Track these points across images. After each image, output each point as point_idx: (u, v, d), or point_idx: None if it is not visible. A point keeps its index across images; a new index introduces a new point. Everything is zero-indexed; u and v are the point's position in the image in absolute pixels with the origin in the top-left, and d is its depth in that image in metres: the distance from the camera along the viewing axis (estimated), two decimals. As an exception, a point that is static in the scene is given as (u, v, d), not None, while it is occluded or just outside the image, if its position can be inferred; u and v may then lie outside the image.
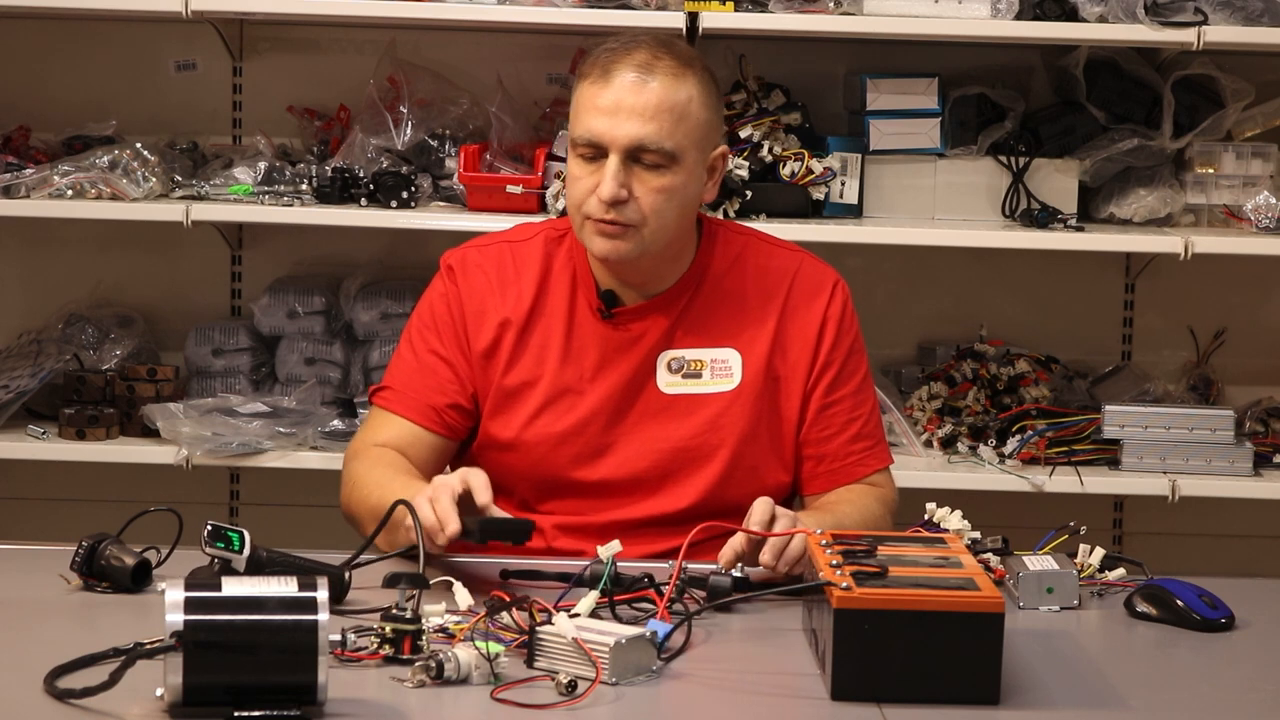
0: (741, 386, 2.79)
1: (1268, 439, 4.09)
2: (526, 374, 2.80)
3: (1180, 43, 3.90)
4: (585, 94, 2.72)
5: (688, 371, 2.79)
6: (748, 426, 2.79)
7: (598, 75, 2.71)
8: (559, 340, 2.80)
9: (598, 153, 2.70)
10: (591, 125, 2.70)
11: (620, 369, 2.79)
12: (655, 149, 2.69)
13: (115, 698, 1.95)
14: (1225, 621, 2.42)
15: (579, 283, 2.82)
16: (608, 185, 2.68)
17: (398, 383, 2.85)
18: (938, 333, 4.37)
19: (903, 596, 2.07)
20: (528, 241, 2.87)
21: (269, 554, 2.35)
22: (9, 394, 4.02)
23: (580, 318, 2.81)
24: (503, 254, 2.86)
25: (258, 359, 4.17)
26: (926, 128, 4.07)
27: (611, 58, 2.72)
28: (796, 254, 2.89)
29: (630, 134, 2.68)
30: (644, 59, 2.70)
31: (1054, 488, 3.92)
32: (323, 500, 4.04)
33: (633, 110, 2.68)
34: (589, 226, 2.72)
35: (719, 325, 2.81)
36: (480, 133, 4.13)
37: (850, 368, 2.85)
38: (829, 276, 2.87)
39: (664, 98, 2.69)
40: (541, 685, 2.06)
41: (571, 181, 2.74)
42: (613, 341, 2.80)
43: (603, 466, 2.78)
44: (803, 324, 2.83)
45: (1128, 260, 4.39)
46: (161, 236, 4.31)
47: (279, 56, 4.37)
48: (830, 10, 3.89)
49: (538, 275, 2.83)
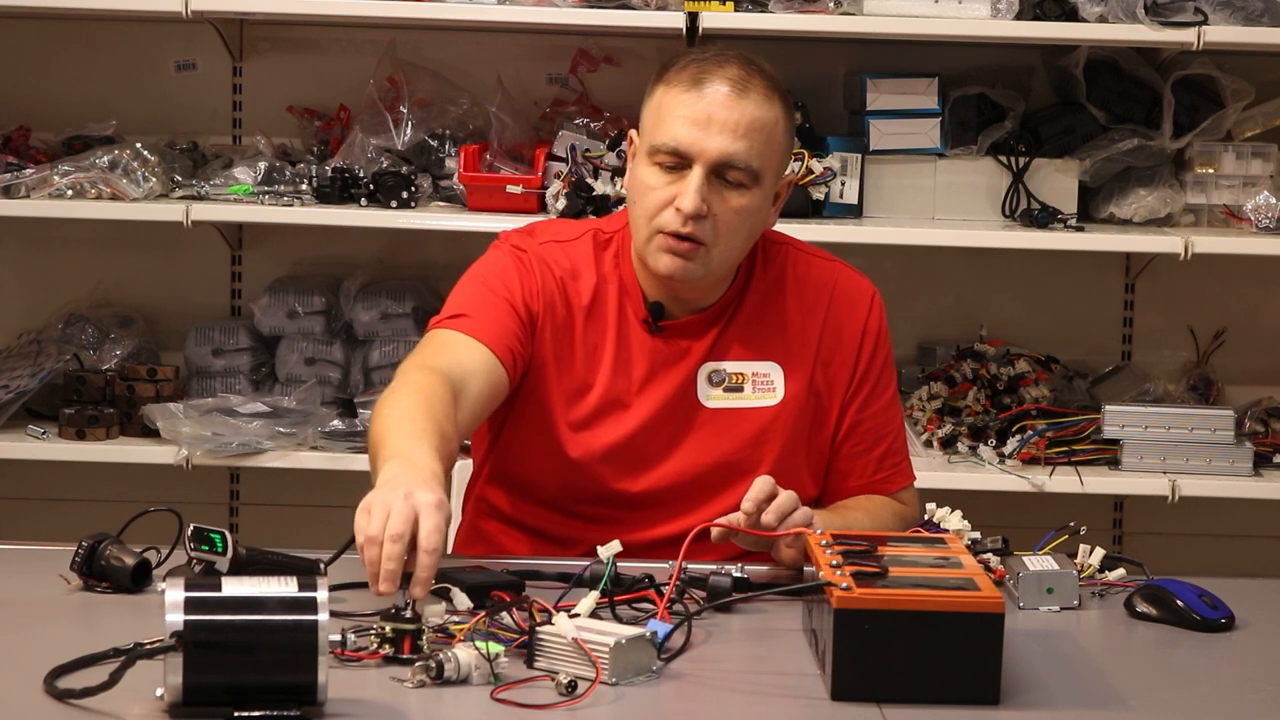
0: (785, 401, 2.74)
1: (1268, 439, 4.09)
2: (578, 380, 2.72)
3: (1180, 43, 3.91)
4: (672, 100, 2.63)
5: (729, 385, 2.73)
6: (789, 441, 2.74)
7: (688, 83, 2.63)
8: (611, 349, 2.72)
9: (680, 163, 2.62)
10: (679, 134, 2.61)
11: (666, 384, 2.72)
12: (743, 167, 2.62)
13: (115, 698, 1.95)
14: (1225, 621, 2.42)
15: (626, 292, 2.74)
16: (691, 198, 2.60)
17: (473, 310, 2.67)
18: (938, 333, 4.37)
19: (903, 596, 2.07)
20: (577, 241, 2.77)
21: (248, 551, 2.36)
22: (9, 394, 4.02)
23: (629, 328, 2.73)
24: (556, 253, 2.75)
25: (258, 359, 4.17)
26: (926, 128, 4.08)
27: (703, 67, 2.64)
28: (832, 263, 2.84)
29: (720, 148, 2.61)
30: (738, 74, 2.63)
31: (1054, 488, 3.93)
32: (323, 500, 4.06)
33: (725, 124, 2.60)
34: (657, 241, 2.64)
35: (761, 339, 2.75)
36: (480, 133, 4.13)
37: (884, 383, 2.82)
38: (866, 289, 2.83)
39: (756, 116, 2.62)
40: (541, 685, 2.06)
41: (644, 190, 2.65)
42: (660, 354, 2.73)
43: (644, 480, 2.72)
44: (843, 338, 2.78)
45: (1128, 260, 4.39)
46: (161, 236, 4.31)
47: (279, 56, 4.37)
48: (830, 10, 3.90)
49: (594, 280, 2.74)
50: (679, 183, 2.62)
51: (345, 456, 3.94)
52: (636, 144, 2.72)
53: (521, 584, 2.37)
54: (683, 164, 2.62)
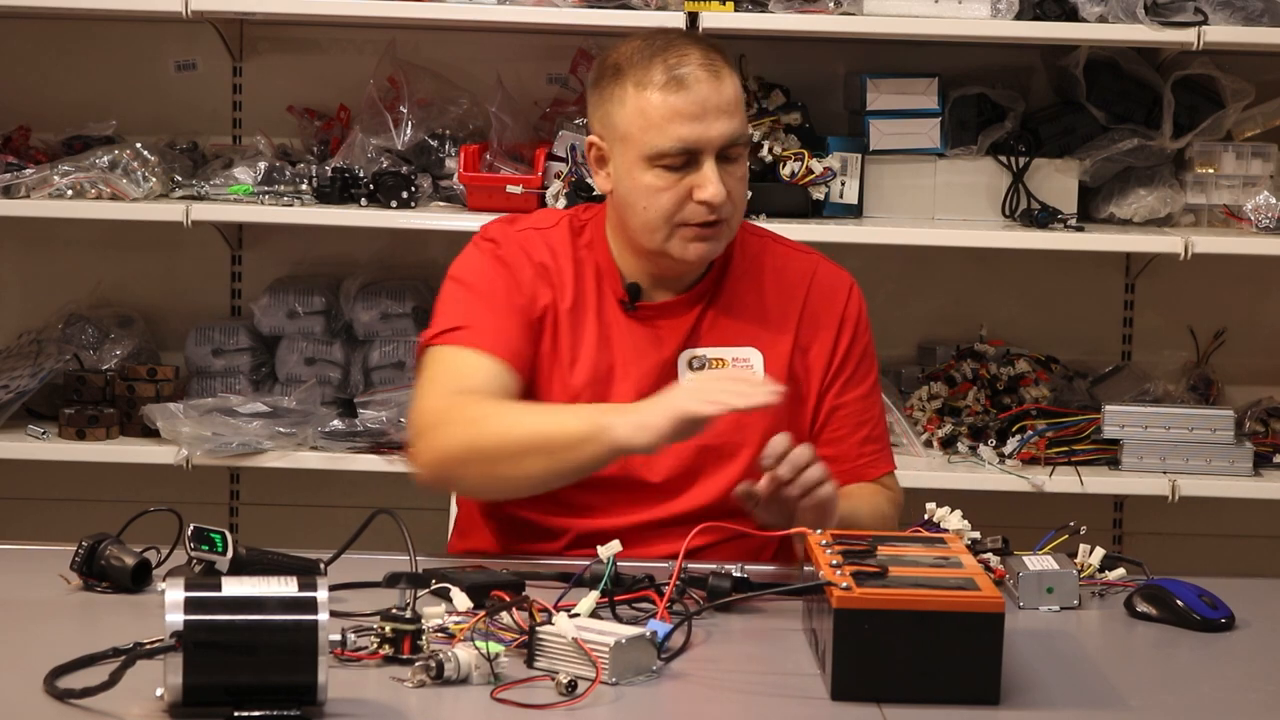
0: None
1: (1268, 439, 4.09)
2: (563, 365, 2.74)
3: (1180, 43, 3.91)
4: (658, 103, 2.65)
5: (709, 370, 2.78)
6: (770, 425, 2.76)
7: (666, 82, 2.65)
8: (593, 333, 2.75)
9: (688, 160, 2.66)
10: (682, 133, 2.65)
11: (645, 366, 2.75)
12: (742, 141, 2.70)
13: (115, 698, 1.95)
14: (1225, 621, 2.42)
15: (604, 275, 2.77)
16: (715, 187, 2.65)
17: (472, 320, 2.70)
18: (938, 333, 4.37)
19: (903, 596, 2.07)
20: (554, 229, 2.80)
21: (248, 551, 2.36)
22: (9, 394, 4.02)
23: (609, 312, 2.76)
24: (535, 240, 2.78)
25: (258, 359, 4.17)
26: (926, 128, 4.08)
27: (668, 62, 2.66)
28: (811, 255, 2.88)
29: (723, 132, 2.66)
30: (702, 56, 2.67)
31: (1054, 488, 3.92)
32: (323, 500, 4.06)
33: (719, 109, 2.66)
34: (683, 233, 2.68)
35: (740, 325, 2.78)
36: (480, 133, 4.13)
37: (864, 370, 2.85)
38: (845, 279, 2.87)
39: (733, 90, 2.69)
40: (541, 685, 2.06)
41: (651, 194, 2.67)
42: (638, 336, 2.75)
43: (626, 465, 2.71)
44: (821, 325, 2.81)
45: (1128, 260, 4.39)
46: (161, 236, 4.31)
47: (279, 56, 4.37)
48: (830, 10, 3.90)
49: (572, 264, 2.77)
50: (688, 176, 2.66)
51: (345, 456, 3.94)
52: (608, 149, 2.73)
53: (521, 584, 2.37)
54: (689, 160, 2.66)
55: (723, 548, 2.61)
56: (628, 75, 2.69)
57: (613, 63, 2.72)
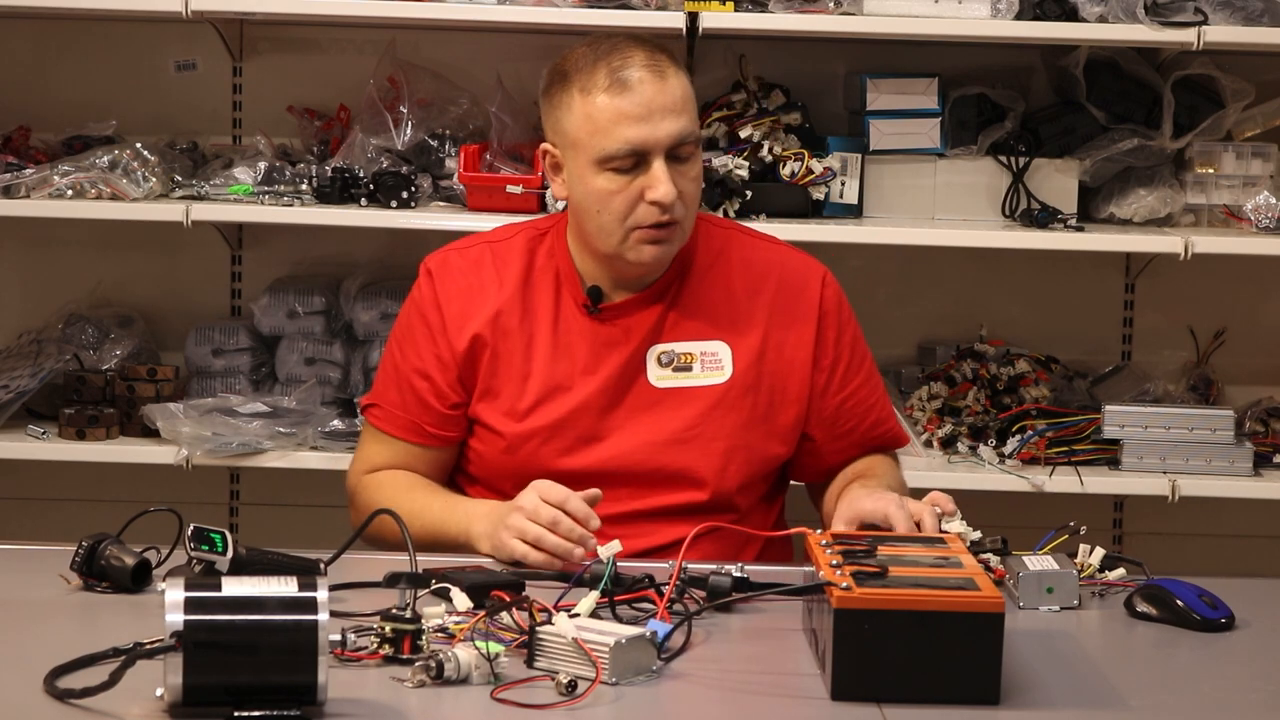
0: (733, 379, 2.80)
1: (1268, 439, 4.08)
2: (515, 372, 2.79)
3: (1180, 43, 3.90)
4: (603, 107, 2.69)
5: (678, 365, 2.79)
6: (741, 417, 2.79)
7: (610, 85, 2.68)
8: (546, 338, 2.79)
9: (637, 162, 2.69)
10: (628, 135, 2.68)
11: (610, 364, 2.78)
12: (692, 140, 2.71)
13: (115, 698, 1.95)
14: (1225, 621, 2.42)
15: (563, 280, 2.82)
16: (667, 187, 2.68)
17: (386, 400, 2.88)
18: (938, 333, 4.37)
19: (903, 596, 2.07)
20: (509, 241, 2.86)
21: (248, 551, 2.36)
22: (9, 394, 4.02)
23: (567, 315, 2.80)
24: (483, 255, 2.85)
25: (258, 359, 4.17)
26: (926, 128, 4.07)
27: (612, 64, 2.69)
28: (778, 246, 2.91)
29: (670, 132, 2.68)
30: (646, 58, 2.70)
31: (1054, 488, 3.92)
32: (323, 500, 4.05)
33: (665, 108, 2.68)
34: (636, 236, 2.71)
35: (707, 318, 2.81)
36: (480, 133, 4.13)
37: (857, 358, 2.88)
38: (816, 270, 2.89)
39: (680, 88, 2.71)
40: (541, 685, 2.06)
41: (604, 198, 2.70)
42: (601, 337, 2.79)
43: (591, 455, 2.77)
44: (796, 318, 2.83)
45: (1128, 260, 4.39)
46: (161, 236, 4.31)
47: (279, 56, 4.37)
48: (830, 10, 3.89)
49: (520, 274, 2.82)
50: (639, 178, 2.69)
51: (345, 456, 3.92)
52: (561, 156, 2.77)
53: (521, 584, 2.37)
54: (639, 162, 2.69)
55: (704, 544, 2.61)
56: (574, 81, 2.72)
57: (560, 69, 2.75)
